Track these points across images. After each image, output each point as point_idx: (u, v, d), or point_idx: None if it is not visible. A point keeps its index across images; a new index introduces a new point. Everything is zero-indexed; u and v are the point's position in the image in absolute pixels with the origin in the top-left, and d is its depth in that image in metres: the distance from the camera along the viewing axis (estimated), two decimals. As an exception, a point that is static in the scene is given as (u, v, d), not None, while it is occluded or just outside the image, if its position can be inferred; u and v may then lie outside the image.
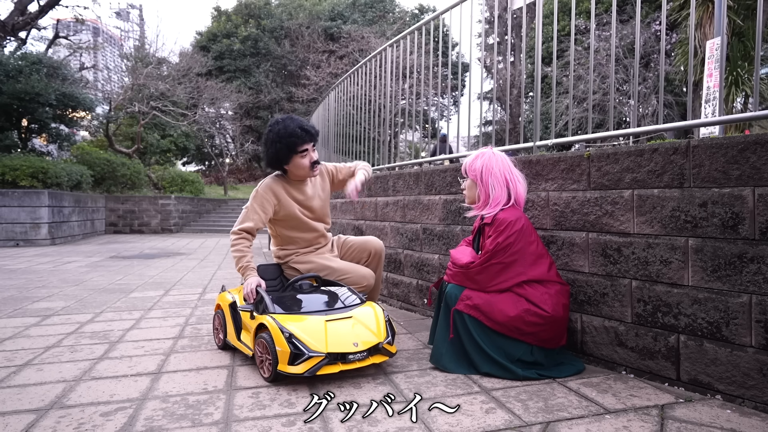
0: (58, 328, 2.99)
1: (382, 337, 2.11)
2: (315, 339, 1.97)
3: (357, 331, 2.08)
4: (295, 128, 2.42)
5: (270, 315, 2.08)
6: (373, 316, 2.19)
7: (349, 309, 2.21)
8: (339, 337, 2.02)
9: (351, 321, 2.12)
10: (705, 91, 4.60)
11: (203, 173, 24.65)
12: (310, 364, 1.92)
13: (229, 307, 2.45)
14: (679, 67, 10.23)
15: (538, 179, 2.49)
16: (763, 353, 1.70)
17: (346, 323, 2.10)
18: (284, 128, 2.43)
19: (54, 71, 11.56)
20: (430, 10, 24.63)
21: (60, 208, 9.89)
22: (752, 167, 1.72)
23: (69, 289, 4.43)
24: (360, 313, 2.19)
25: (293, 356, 1.92)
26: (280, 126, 2.45)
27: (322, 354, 1.93)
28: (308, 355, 1.92)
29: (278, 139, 2.43)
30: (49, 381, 2.07)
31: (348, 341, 2.01)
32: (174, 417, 1.71)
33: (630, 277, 2.08)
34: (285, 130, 2.42)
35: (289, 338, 1.94)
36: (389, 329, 2.18)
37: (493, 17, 2.97)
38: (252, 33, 22.11)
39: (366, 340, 2.05)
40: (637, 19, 2.37)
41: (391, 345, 2.16)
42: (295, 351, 1.93)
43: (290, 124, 2.44)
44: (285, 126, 2.44)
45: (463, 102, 6.11)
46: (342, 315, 2.15)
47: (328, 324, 2.06)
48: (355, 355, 2.00)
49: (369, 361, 2.06)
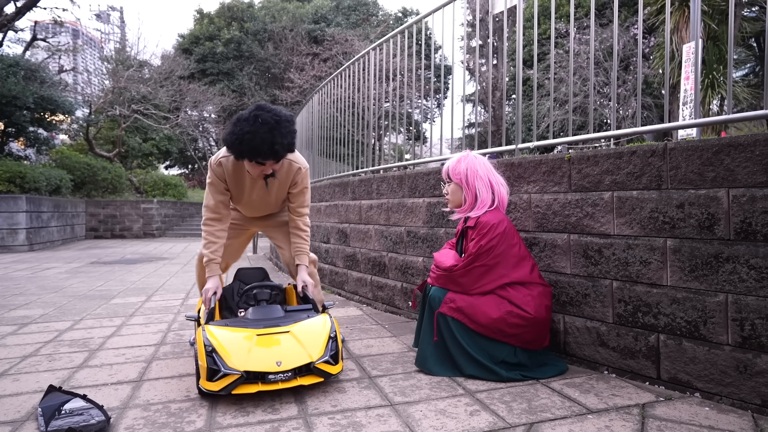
0: (35, 337, 2.93)
1: (317, 356, 1.92)
2: (236, 355, 1.84)
3: (286, 349, 1.91)
4: (262, 144, 2.01)
5: (204, 326, 1.98)
6: (315, 331, 2.01)
7: (291, 321, 2.06)
8: (262, 354, 1.87)
9: (285, 337, 1.96)
10: (682, 93, 4.70)
11: (186, 177, 24.37)
12: (225, 381, 1.80)
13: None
14: (657, 70, 10.43)
15: (520, 181, 2.51)
16: (739, 351, 1.74)
17: (277, 339, 1.94)
18: (253, 136, 2.01)
19: (32, 74, 11.32)
20: (413, 14, 24.74)
21: (38, 214, 9.69)
22: (726, 169, 1.76)
23: (48, 296, 4.33)
24: (302, 328, 2.02)
25: (210, 372, 1.82)
26: (252, 128, 2.01)
27: (238, 372, 1.80)
28: (224, 372, 1.80)
29: (241, 140, 2.03)
30: (26, 391, 2.02)
31: (271, 359, 1.85)
32: (156, 425, 1.68)
33: (611, 278, 2.11)
34: (252, 139, 2.01)
35: (210, 352, 1.84)
36: (331, 347, 1.99)
37: (476, 21, 3.00)
38: (235, 36, 21.96)
39: (293, 359, 1.88)
40: (614, 22, 2.41)
41: (333, 364, 1.97)
42: (212, 366, 1.82)
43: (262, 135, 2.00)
44: (256, 133, 2.01)
45: (446, 104, 6.14)
46: (278, 329, 1.99)
47: (258, 339, 1.92)
48: (276, 375, 1.84)
49: (294, 382, 1.87)
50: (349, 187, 4.24)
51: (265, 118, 2.03)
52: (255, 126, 2.01)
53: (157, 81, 17.27)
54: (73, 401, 1.73)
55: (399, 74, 4.24)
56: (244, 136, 2.01)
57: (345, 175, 4.75)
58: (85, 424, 1.59)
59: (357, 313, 3.54)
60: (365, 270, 3.90)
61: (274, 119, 2.04)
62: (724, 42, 8.30)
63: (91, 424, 1.60)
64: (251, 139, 2.01)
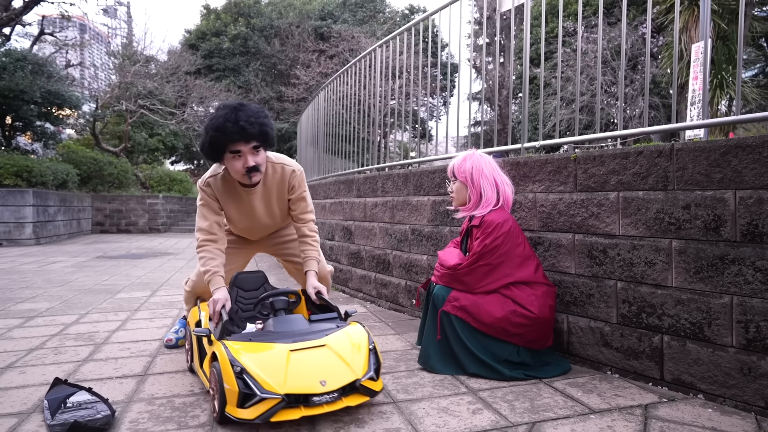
0: (42, 330, 2.95)
1: (362, 372, 1.68)
2: (271, 375, 1.57)
3: (328, 365, 1.65)
4: (226, 123, 1.92)
5: (224, 342, 1.71)
6: (353, 344, 1.77)
7: (323, 334, 1.80)
8: (303, 373, 1.61)
9: (323, 351, 1.70)
10: (690, 93, 4.67)
11: (192, 172, 24.44)
12: (262, 408, 1.53)
13: (195, 327, 2.08)
14: (665, 69, 10.36)
15: (525, 181, 2.51)
16: (744, 353, 1.73)
17: (315, 354, 1.68)
18: (216, 119, 1.95)
19: (39, 68, 11.38)
20: (420, 11, 24.67)
21: (45, 208, 9.75)
22: (734, 170, 1.75)
23: (54, 290, 4.37)
24: (337, 340, 1.77)
25: (243, 397, 1.54)
26: (215, 114, 1.99)
27: (278, 396, 1.53)
28: (260, 396, 1.53)
29: (208, 128, 1.98)
30: (32, 384, 2.04)
31: (313, 378, 1.59)
32: (160, 419, 1.70)
33: (615, 279, 2.11)
34: (215, 122, 1.95)
35: (240, 373, 1.56)
36: (373, 360, 1.75)
37: (483, 18, 2.99)
38: (241, 32, 21.96)
39: (338, 378, 1.63)
40: (623, 21, 2.40)
41: (375, 380, 1.73)
42: (245, 390, 1.54)
43: (224, 116, 1.94)
44: (218, 116, 1.95)
45: (452, 102, 6.14)
46: (312, 343, 1.73)
47: (292, 355, 1.65)
48: (321, 396, 1.58)
49: (341, 403, 1.62)
50: (354, 184, 4.24)
51: (227, 103, 2.06)
52: (218, 111, 1.99)
53: (163, 76, 17.32)
54: (78, 394, 1.75)
55: (405, 72, 4.24)
56: (210, 123, 1.97)
57: (350, 173, 4.75)
58: (90, 418, 1.60)
59: (361, 311, 3.55)
60: (369, 267, 3.91)
61: (237, 103, 2.02)
62: (733, 42, 8.23)
63: (97, 417, 1.61)
64: (214, 122, 1.95)
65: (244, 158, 2.01)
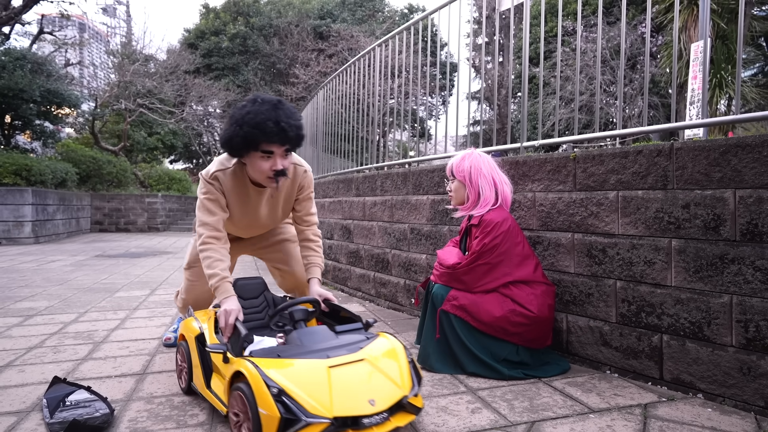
0: (41, 329, 2.95)
1: (408, 388, 1.49)
2: (315, 396, 1.36)
3: (373, 382, 1.46)
4: (267, 121, 1.77)
5: (250, 359, 1.47)
6: (392, 356, 1.58)
7: (357, 347, 1.59)
8: (349, 392, 1.40)
9: (363, 366, 1.50)
10: (690, 93, 4.67)
11: (191, 171, 24.43)
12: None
13: (196, 341, 1.81)
14: (665, 69, 10.36)
15: (524, 180, 2.51)
16: (743, 353, 1.73)
17: (357, 370, 1.47)
18: (255, 114, 1.78)
19: (38, 67, 11.36)
20: (419, 10, 24.65)
21: (44, 206, 9.74)
22: (733, 170, 1.75)
23: (53, 289, 4.36)
24: (374, 353, 1.57)
25: (284, 423, 1.32)
26: (252, 108, 1.81)
27: (326, 420, 1.33)
28: (306, 421, 1.32)
29: (242, 122, 1.80)
30: (31, 382, 2.04)
31: (361, 398, 1.40)
32: (159, 418, 1.69)
33: (615, 278, 2.11)
34: (254, 118, 1.78)
35: (278, 396, 1.34)
36: (415, 374, 1.57)
37: (482, 18, 2.98)
38: (240, 31, 21.95)
39: (386, 396, 1.43)
40: (622, 20, 2.40)
41: (417, 396, 1.54)
42: (287, 415, 1.32)
43: (264, 113, 1.78)
44: (258, 112, 1.78)
45: (451, 102, 6.13)
46: (350, 357, 1.51)
47: (333, 372, 1.44)
48: (371, 418, 1.38)
49: (390, 424, 1.42)
50: (353, 183, 4.24)
51: (265, 97, 1.85)
52: (255, 105, 1.80)
53: (162, 75, 17.31)
54: (77, 393, 1.75)
55: (404, 71, 4.24)
56: (245, 117, 1.78)
57: (349, 172, 4.75)
58: (89, 416, 1.60)
59: (360, 310, 3.55)
60: (368, 267, 3.91)
61: (275, 99, 1.85)
62: (733, 41, 8.24)
63: (95, 416, 1.61)
64: (253, 117, 1.77)
65: (274, 160, 1.86)
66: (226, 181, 1.99)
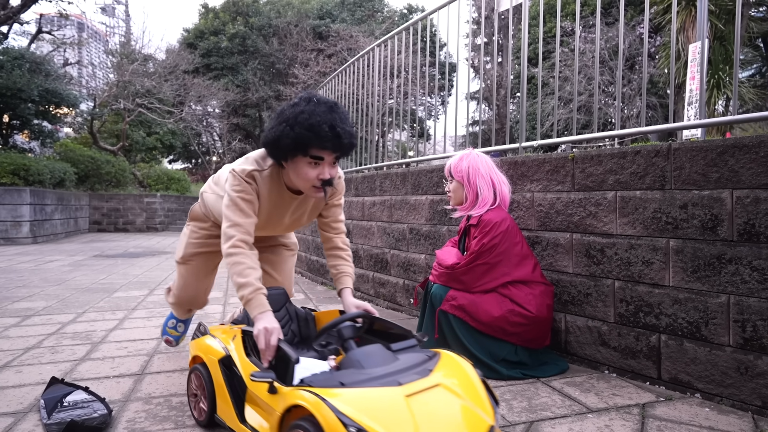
0: (38, 329, 2.95)
1: (491, 415, 1.24)
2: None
3: (456, 411, 1.20)
4: (322, 124, 1.59)
5: (314, 390, 1.19)
6: (465, 378, 1.30)
7: (425, 369, 1.31)
8: (435, 425, 1.13)
9: (440, 393, 1.23)
10: (688, 93, 4.68)
11: (190, 171, 24.43)
12: None
13: (220, 365, 1.55)
14: (663, 69, 10.38)
15: (523, 180, 2.51)
16: (740, 352, 1.74)
17: (435, 398, 1.21)
18: (310, 115, 1.60)
19: (37, 67, 11.35)
20: (418, 10, 24.66)
21: (42, 206, 9.72)
22: (731, 170, 1.76)
23: (51, 289, 4.36)
24: (446, 374, 1.30)
25: None
26: (307, 108, 1.62)
27: None
28: None
29: (294, 122, 1.60)
30: (29, 383, 2.04)
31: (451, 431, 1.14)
32: (157, 419, 1.69)
33: (613, 278, 2.11)
34: (308, 119, 1.59)
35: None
36: (491, 396, 1.31)
37: (481, 18, 2.99)
38: (240, 30, 21.94)
39: (475, 427, 1.17)
40: (620, 21, 2.40)
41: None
42: None
43: (320, 115, 1.60)
44: (313, 113, 1.60)
45: (450, 102, 6.13)
46: (423, 383, 1.24)
47: (411, 402, 1.17)
48: None
49: None
50: (352, 183, 4.24)
51: (320, 98, 1.67)
52: (310, 105, 1.63)
53: (161, 75, 17.29)
54: (75, 393, 1.75)
55: (403, 71, 4.24)
56: (298, 116, 1.60)
57: (348, 172, 4.75)
58: (87, 417, 1.60)
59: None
60: (367, 266, 3.91)
61: (331, 101, 1.67)
62: (730, 42, 8.25)
63: (93, 416, 1.61)
64: (307, 118, 1.59)
65: (322, 168, 1.67)
66: (262, 182, 1.79)
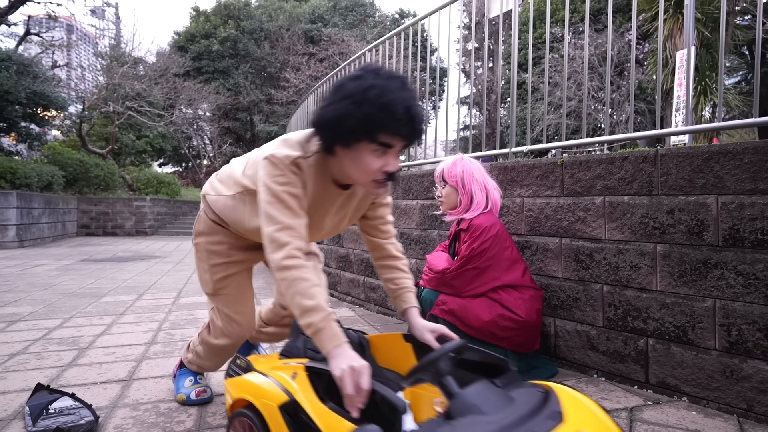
0: (24, 335, 2.90)
1: None
2: None
3: None
4: (395, 102, 1.23)
5: None
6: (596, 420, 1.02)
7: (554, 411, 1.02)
8: None
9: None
10: (675, 100, 4.74)
11: (180, 175, 24.26)
12: None
13: (282, 413, 1.17)
14: (651, 76, 10.51)
15: (513, 185, 2.53)
16: (726, 356, 1.76)
17: None
18: (382, 92, 1.24)
19: (24, 69, 11.23)
20: (410, 15, 24.77)
21: (29, 210, 9.60)
22: (716, 176, 1.78)
23: (37, 294, 4.30)
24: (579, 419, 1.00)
25: None
26: (377, 82, 1.25)
27: None
28: None
29: (361, 99, 1.24)
30: (13, 390, 2.01)
31: None
32: (145, 425, 1.68)
33: (601, 282, 2.13)
34: (380, 96, 1.23)
35: None
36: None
37: (472, 24, 3.01)
38: (231, 34, 21.90)
39: None
40: (609, 28, 2.44)
41: None
42: None
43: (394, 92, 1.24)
44: (385, 89, 1.24)
45: (441, 107, 6.17)
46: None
47: None
48: None
49: None
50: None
51: (392, 73, 1.31)
52: (380, 79, 1.26)
53: (151, 78, 17.18)
54: (61, 400, 1.72)
55: (394, 76, 4.26)
56: (367, 92, 1.23)
57: (339, 176, 4.74)
58: (73, 424, 1.58)
59: (349, 314, 3.54)
60: (358, 271, 3.90)
61: (401, 75, 1.34)
62: (717, 49, 8.38)
63: (80, 423, 1.59)
64: (379, 95, 1.23)
65: (388, 158, 1.32)
66: (308, 171, 1.39)
